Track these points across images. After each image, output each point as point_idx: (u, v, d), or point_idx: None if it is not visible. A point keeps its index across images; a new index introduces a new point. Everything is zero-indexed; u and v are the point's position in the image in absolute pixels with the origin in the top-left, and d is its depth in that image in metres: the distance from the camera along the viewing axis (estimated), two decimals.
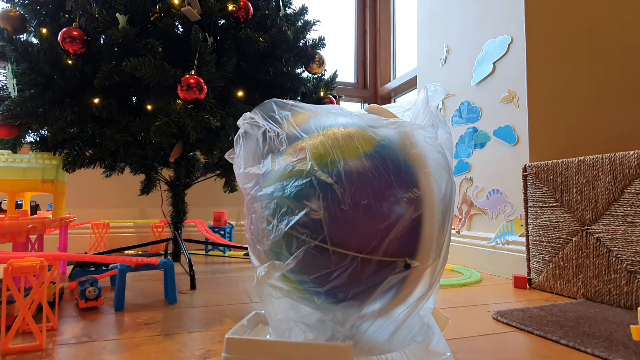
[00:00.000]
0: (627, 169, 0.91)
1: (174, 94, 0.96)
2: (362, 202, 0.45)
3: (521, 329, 0.77)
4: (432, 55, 1.71)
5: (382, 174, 0.46)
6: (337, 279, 0.46)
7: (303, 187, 0.47)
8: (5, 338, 0.64)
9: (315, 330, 0.51)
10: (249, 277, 1.29)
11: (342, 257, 0.46)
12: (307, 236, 0.46)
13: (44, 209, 1.65)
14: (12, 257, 0.67)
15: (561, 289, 1.05)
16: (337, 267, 0.46)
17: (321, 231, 0.46)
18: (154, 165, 1.36)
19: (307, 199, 0.46)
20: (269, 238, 0.49)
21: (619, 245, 0.92)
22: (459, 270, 1.36)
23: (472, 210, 1.46)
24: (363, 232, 0.46)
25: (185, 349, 0.66)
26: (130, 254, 1.58)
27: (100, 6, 1.01)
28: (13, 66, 1.03)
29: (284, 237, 0.47)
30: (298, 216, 0.46)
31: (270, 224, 0.49)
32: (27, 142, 1.21)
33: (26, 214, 0.99)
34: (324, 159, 0.48)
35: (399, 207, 0.46)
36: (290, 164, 0.49)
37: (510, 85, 1.29)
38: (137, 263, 0.92)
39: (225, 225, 1.87)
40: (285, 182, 0.48)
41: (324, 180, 0.46)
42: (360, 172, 0.46)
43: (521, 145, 1.25)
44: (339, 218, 0.45)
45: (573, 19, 1.30)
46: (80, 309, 0.90)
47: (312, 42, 1.23)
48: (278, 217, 0.48)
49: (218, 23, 1.13)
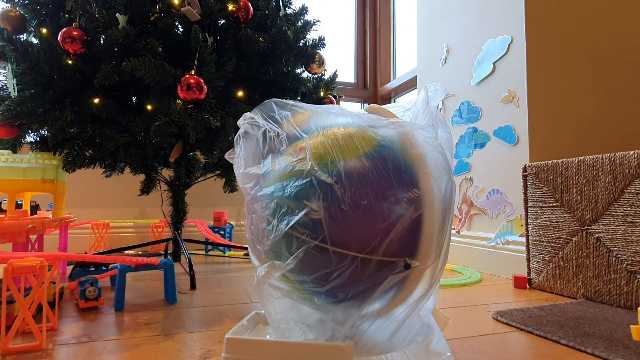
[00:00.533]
0: (627, 169, 0.91)
1: (174, 94, 0.96)
2: (362, 202, 0.45)
3: (521, 329, 0.77)
4: (432, 55, 1.71)
5: (382, 174, 0.46)
6: (337, 279, 0.46)
7: (303, 187, 0.47)
8: (5, 338, 0.64)
9: (315, 330, 0.51)
10: (249, 277, 1.29)
11: (342, 257, 0.46)
12: (307, 236, 0.46)
13: (44, 209, 1.65)
14: (12, 257, 0.67)
15: (561, 289, 1.05)
16: (337, 267, 0.46)
17: (321, 231, 0.46)
18: (154, 165, 1.36)
19: (307, 199, 0.46)
20: (269, 238, 0.49)
21: (619, 245, 0.92)
22: (459, 270, 1.36)
23: (472, 210, 1.46)
24: (363, 232, 0.46)
25: (185, 349, 0.66)
26: (130, 254, 1.58)
27: (100, 6, 1.01)
28: (13, 66, 1.03)
29: (284, 237, 0.47)
30: (298, 216, 0.46)
31: (270, 224, 0.49)
32: (27, 142, 1.21)
33: (26, 214, 0.99)
34: (324, 159, 0.48)
35: (399, 207, 0.46)
36: (291, 164, 0.49)
37: (510, 85, 1.29)
38: (137, 263, 0.92)
39: (225, 225, 1.87)
40: (286, 182, 0.48)
41: (324, 180, 0.46)
42: (361, 172, 0.46)
43: (521, 145, 1.25)
44: (339, 218, 0.45)
45: (573, 19, 1.30)
46: (80, 309, 0.90)
47: (312, 42, 1.23)
48: (278, 217, 0.48)
49: (218, 23, 1.13)
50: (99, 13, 0.98)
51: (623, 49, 1.36)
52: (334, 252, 0.45)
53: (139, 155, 1.22)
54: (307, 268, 0.47)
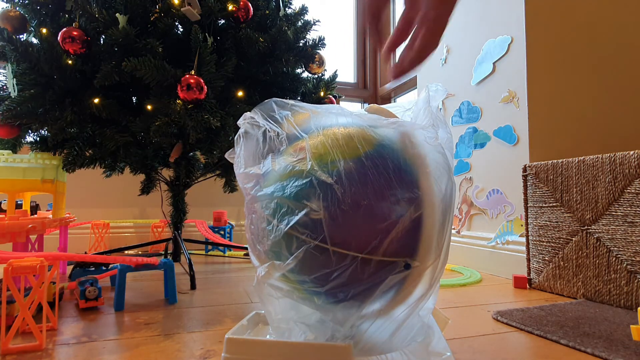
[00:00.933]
0: (627, 169, 0.91)
1: (174, 94, 0.96)
2: (362, 202, 0.45)
3: (521, 329, 0.77)
4: (432, 55, 1.71)
5: (382, 174, 0.46)
6: (337, 279, 0.46)
7: (303, 187, 0.47)
8: (5, 338, 0.64)
9: (315, 330, 0.51)
10: (249, 277, 1.29)
11: (342, 257, 0.46)
12: (307, 236, 0.46)
13: (44, 209, 1.65)
14: (12, 257, 0.67)
15: (561, 289, 1.05)
16: (337, 267, 0.46)
17: (321, 231, 0.45)
18: (154, 165, 1.36)
19: (307, 198, 0.46)
20: (269, 238, 0.49)
21: (619, 245, 0.92)
22: (459, 270, 1.36)
23: (472, 210, 1.46)
24: (363, 232, 0.46)
25: (185, 349, 0.66)
26: (130, 254, 1.58)
27: (100, 6, 1.01)
28: (13, 66, 1.03)
29: (284, 237, 0.47)
30: (298, 216, 0.46)
31: (271, 224, 0.49)
32: (27, 142, 1.21)
33: (26, 214, 0.99)
34: (324, 159, 0.48)
35: (399, 207, 0.46)
36: (291, 164, 0.49)
37: (510, 85, 1.29)
38: (137, 263, 0.92)
39: (225, 225, 1.87)
40: (286, 182, 0.48)
41: (324, 180, 0.46)
42: (361, 172, 0.46)
43: (521, 145, 1.25)
44: (339, 218, 0.45)
45: (573, 19, 1.30)
46: (80, 309, 0.90)
47: (312, 42, 1.23)
48: (278, 217, 0.48)
49: (218, 23, 1.13)
50: (99, 13, 0.98)
51: (623, 49, 1.36)
52: (334, 252, 0.45)
53: (139, 155, 1.22)
54: (307, 268, 0.47)
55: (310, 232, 0.46)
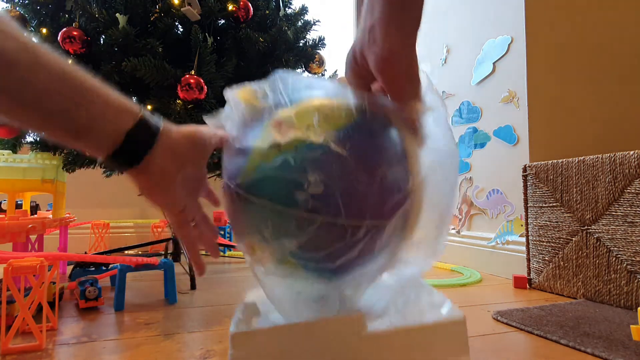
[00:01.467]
0: (627, 169, 0.91)
1: (174, 94, 0.96)
2: (371, 172, 0.43)
3: (521, 329, 0.77)
4: (432, 55, 1.71)
5: (383, 147, 0.45)
6: (349, 253, 0.44)
7: (306, 158, 0.42)
8: (5, 338, 0.64)
9: (321, 306, 0.49)
10: (249, 277, 1.29)
11: (355, 229, 0.43)
12: (309, 212, 0.44)
13: (44, 209, 1.65)
14: (12, 257, 0.67)
15: (561, 289, 1.05)
16: (349, 241, 0.43)
17: (324, 206, 0.42)
18: None
19: (312, 170, 0.43)
20: None
21: (619, 245, 0.92)
22: (459, 270, 1.36)
23: (472, 210, 1.46)
24: (373, 202, 0.43)
25: (185, 349, 0.66)
26: (130, 254, 1.58)
27: (100, 6, 1.01)
28: None
29: (288, 217, 0.45)
30: (298, 192, 0.44)
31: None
32: (27, 142, 1.21)
33: (26, 214, 0.99)
34: (324, 128, 0.43)
35: (404, 179, 0.44)
36: (282, 137, 0.44)
37: (510, 85, 1.29)
38: (137, 263, 0.92)
39: (225, 225, 1.87)
40: (285, 155, 0.43)
41: (333, 149, 0.42)
42: (363, 143, 0.44)
43: (521, 145, 1.25)
44: (348, 190, 0.42)
45: (573, 19, 1.30)
46: (80, 309, 0.90)
47: (312, 42, 1.23)
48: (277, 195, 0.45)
49: (218, 23, 1.13)
50: (99, 13, 0.98)
51: (623, 49, 1.36)
52: (344, 226, 0.43)
53: None
54: (315, 246, 0.44)
55: (312, 208, 0.42)
